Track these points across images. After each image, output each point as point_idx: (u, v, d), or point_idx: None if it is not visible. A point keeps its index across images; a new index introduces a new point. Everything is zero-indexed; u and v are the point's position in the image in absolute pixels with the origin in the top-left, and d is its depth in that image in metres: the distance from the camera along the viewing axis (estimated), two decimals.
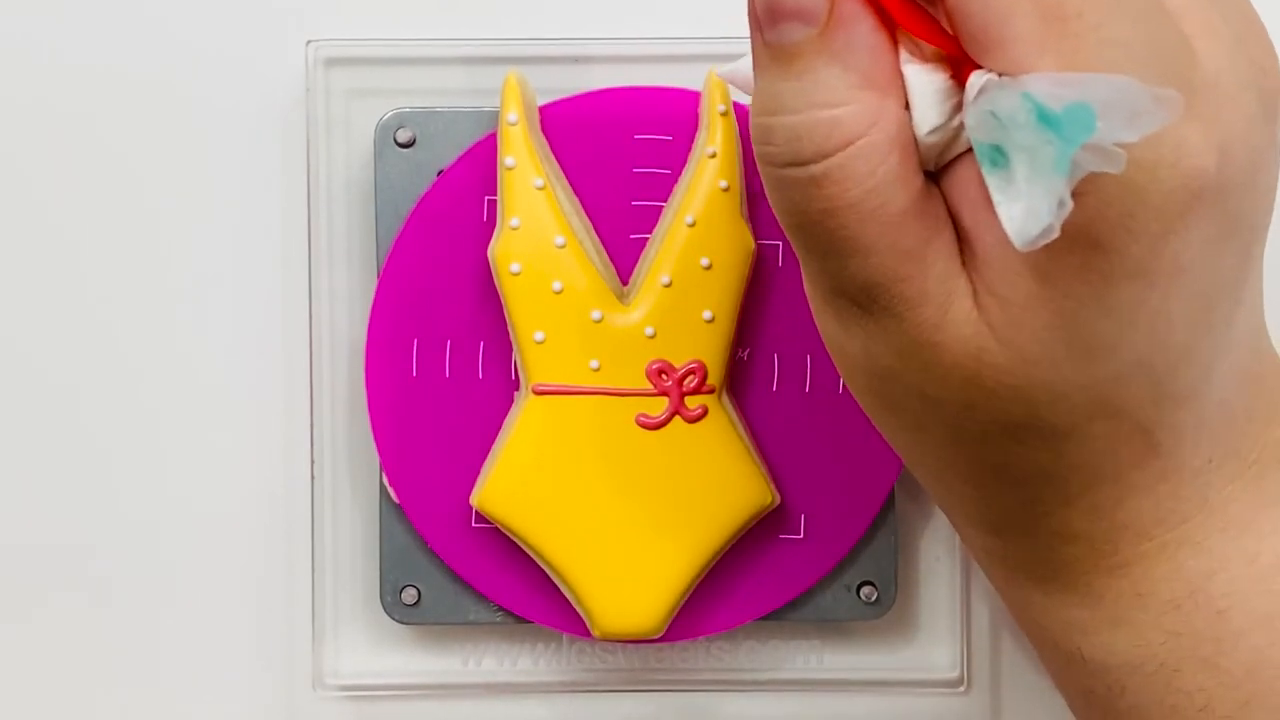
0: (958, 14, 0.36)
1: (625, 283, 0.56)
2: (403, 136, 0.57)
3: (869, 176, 0.37)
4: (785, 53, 0.37)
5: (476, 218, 0.56)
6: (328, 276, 0.57)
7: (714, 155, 0.55)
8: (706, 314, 0.54)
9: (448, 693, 0.58)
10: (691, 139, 0.56)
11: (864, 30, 0.37)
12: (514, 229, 0.55)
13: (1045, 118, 0.33)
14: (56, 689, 0.59)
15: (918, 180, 0.38)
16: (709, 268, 0.54)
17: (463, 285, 0.56)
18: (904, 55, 0.37)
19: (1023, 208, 0.33)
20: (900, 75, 0.37)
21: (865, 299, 0.39)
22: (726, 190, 0.55)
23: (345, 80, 0.57)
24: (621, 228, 0.56)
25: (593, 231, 0.56)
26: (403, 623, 0.57)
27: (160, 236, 0.58)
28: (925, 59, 0.37)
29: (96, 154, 0.58)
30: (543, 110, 0.56)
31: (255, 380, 0.58)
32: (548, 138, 0.56)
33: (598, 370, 0.55)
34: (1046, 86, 0.34)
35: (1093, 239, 0.36)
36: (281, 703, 0.59)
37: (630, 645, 0.57)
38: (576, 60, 0.57)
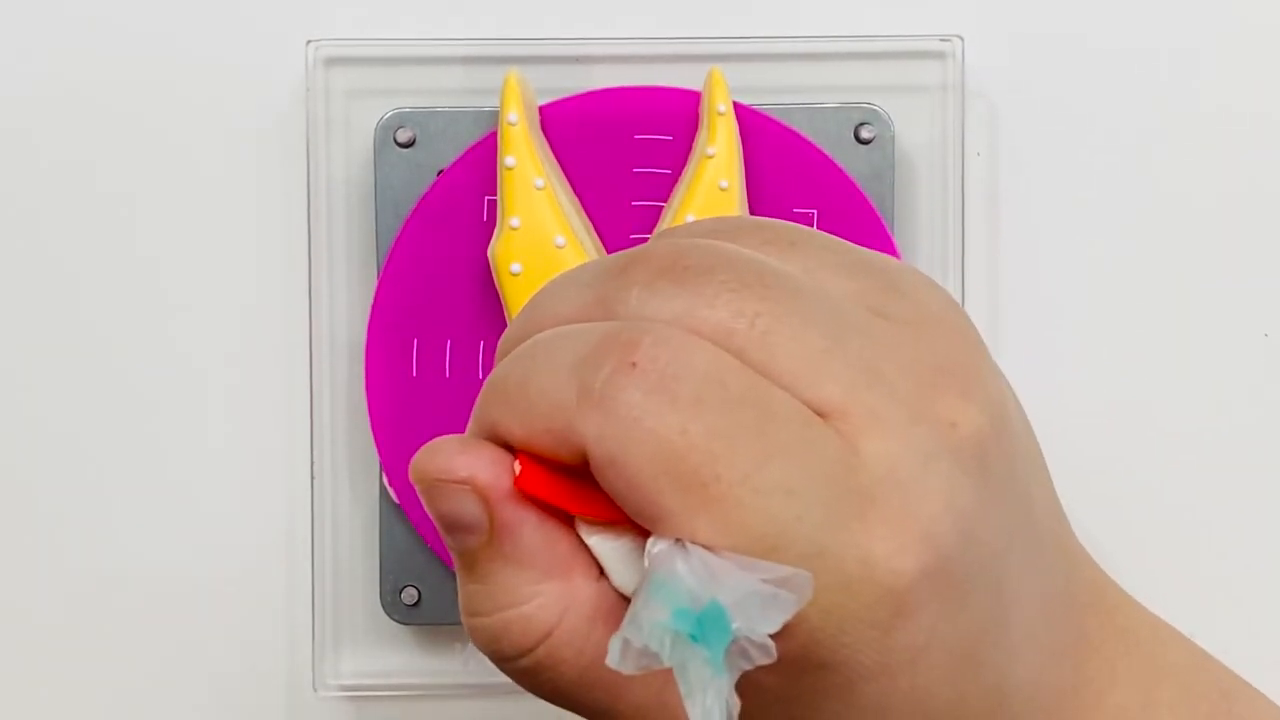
0: (615, 496, 0.36)
1: None
2: (403, 136, 0.57)
3: (580, 656, 0.38)
4: (467, 558, 0.38)
5: (476, 218, 0.56)
6: (328, 276, 0.57)
7: (714, 155, 0.55)
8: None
9: (448, 693, 0.58)
10: (691, 139, 0.56)
11: (530, 528, 0.37)
12: (514, 229, 0.55)
13: (684, 635, 0.34)
14: (57, 689, 0.59)
15: None
16: None
17: (463, 285, 0.56)
18: (585, 528, 0.37)
19: (699, 710, 0.34)
20: (583, 549, 0.38)
21: None
22: (726, 190, 0.55)
23: (345, 80, 0.57)
24: (621, 228, 0.56)
25: (593, 231, 0.56)
26: (403, 623, 0.57)
27: (160, 236, 0.58)
28: (606, 524, 0.37)
29: (97, 154, 0.58)
30: (543, 110, 0.56)
31: (255, 380, 0.58)
32: (548, 138, 0.56)
33: None
34: (697, 572, 0.34)
35: (817, 661, 0.36)
36: (281, 703, 0.59)
37: None
38: (576, 60, 0.57)
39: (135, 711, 0.59)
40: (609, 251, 0.56)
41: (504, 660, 0.39)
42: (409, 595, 0.57)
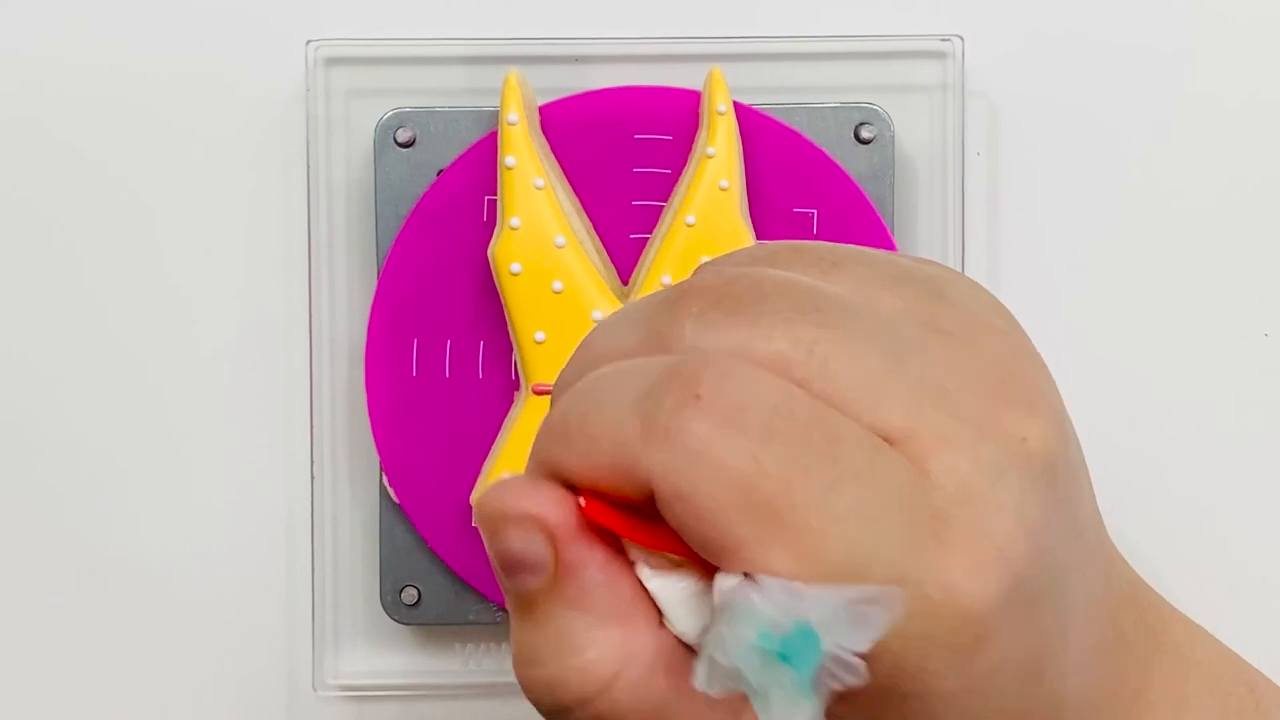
0: (682, 530, 0.35)
1: (625, 283, 0.56)
2: (403, 136, 0.57)
3: (640, 705, 0.37)
4: (525, 601, 0.37)
5: (476, 218, 0.56)
6: (328, 276, 0.57)
7: (714, 155, 0.55)
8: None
9: (448, 693, 0.58)
10: (691, 139, 0.56)
11: (595, 569, 0.37)
12: (514, 229, 0.55)
13: (773, 655, 0.34)
14: (57, 688, 0.59)
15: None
16: None
17: (463, 285, 0.56)
18: (646, 571, 0.37)
19: None
20: (644, 596, 0.37)
21: None
22: (726, 190, 0.55)
23: (345, 80, 0.57)
24: (621, 228, 0.56)
25: (593, 231, 0.56)
26: (403, 623, 0.57)
27: (160, 236, 0.58)
28: (669, 566, 0.37)
29: (97, 154, 0.58)
30: (543, 110, 0.56)
31: (255, 380, 0.58)
32: (548, 138, 0.56)
33: None
34: (778, 598, 0.34)
35: (901, 691, 0.36)
36: (281, 703, 0.59)
37: None
38: (576, 60, 0.57)
39: (135, 711, 0.59)
40: (609, 252, 0.56)
41: (560, 712, 0.38)
42: (409, 595, 0.57)
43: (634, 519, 0.36)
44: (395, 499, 0.57)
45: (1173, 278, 0.59)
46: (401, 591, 0.57)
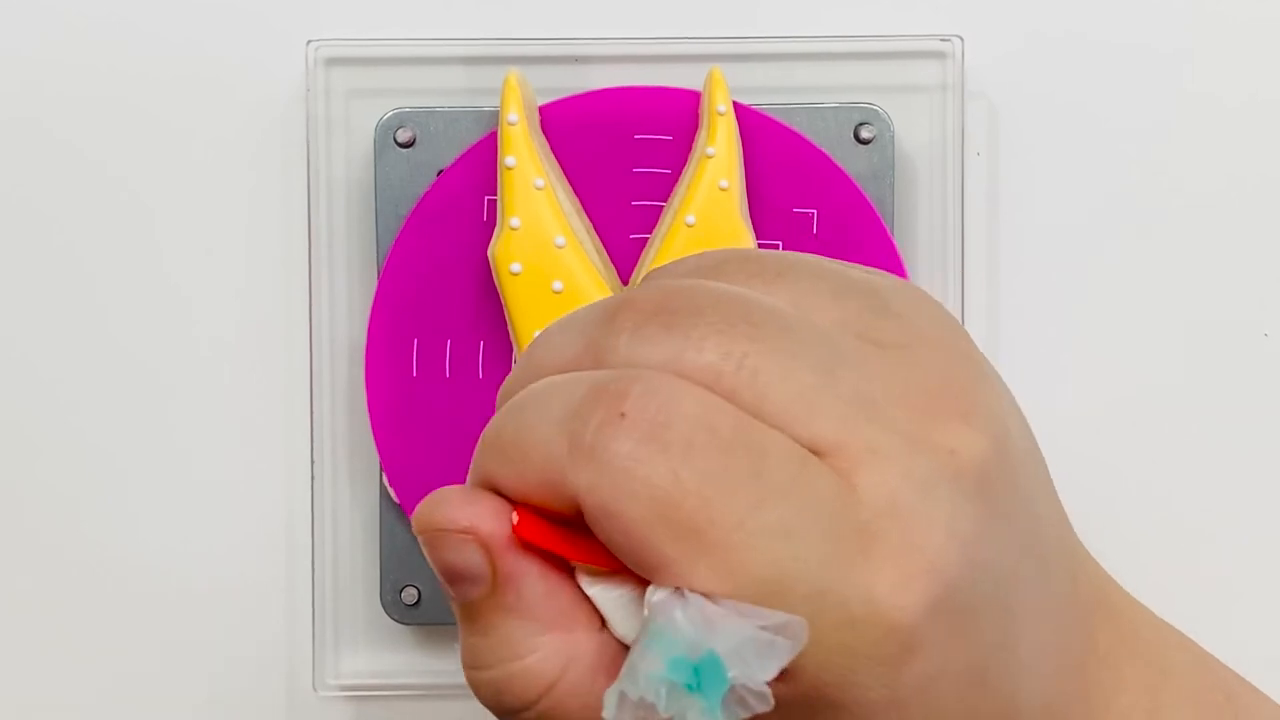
0: (611, 546, 0.36)
1: (625, 283, 0.56)
2: (403, 136, 0.57)
3: (584, 708, 0.38)
4: (467, 609, 0.38)
5: (476, 218, 0.56)
6: (328, 276, 0.57)
7: (714, 155, 0.55)
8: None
9: (448, 693, 0.58)
10: (691, 139, 0.56)
11: (532, 579, 0.37)
12: (514, 229, 0.55)
13: (679, 685, 0.34)
14: (57, 688, 0.59)
15: None
16: None
17: (463, 285, 0.56)
18: (585, 579, 0.37)
19: None
20: (585, 601, 0.38)
21: None
22: (726, 190, 0.55)
23: (345, 80, 0.57)
24: (621, 228, 0.56)
25: (593, 231, 0.56)
26: (403, 623, 0.57)
27: (160, 236, 0.58)
28: (607, 574, 0.37)
29: (97, 154, 0.58)
30: (543, 110, 0.56)
31: (255, 380, 0.58)
32: (548, 138, 0.56)
33: None
34: (694, 621, 0.34)
35: (827, 701, 0.36)
36: (281, 703, 0.59)
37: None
38: (576, 60, 0.57)
39: (136, 711, 0.59)
40: (609, 252, 0.56)
41: (507, 713, 0.38)
42: (409, 595, 0.57)
43: (566, 533, 0.36)
44: (395, 499, 0.57)
45: (1172, 278, 0.59)
46: (401, 591, 0.57)
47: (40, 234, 0.58)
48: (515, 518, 0.37)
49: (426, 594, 0.57)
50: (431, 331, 0.56)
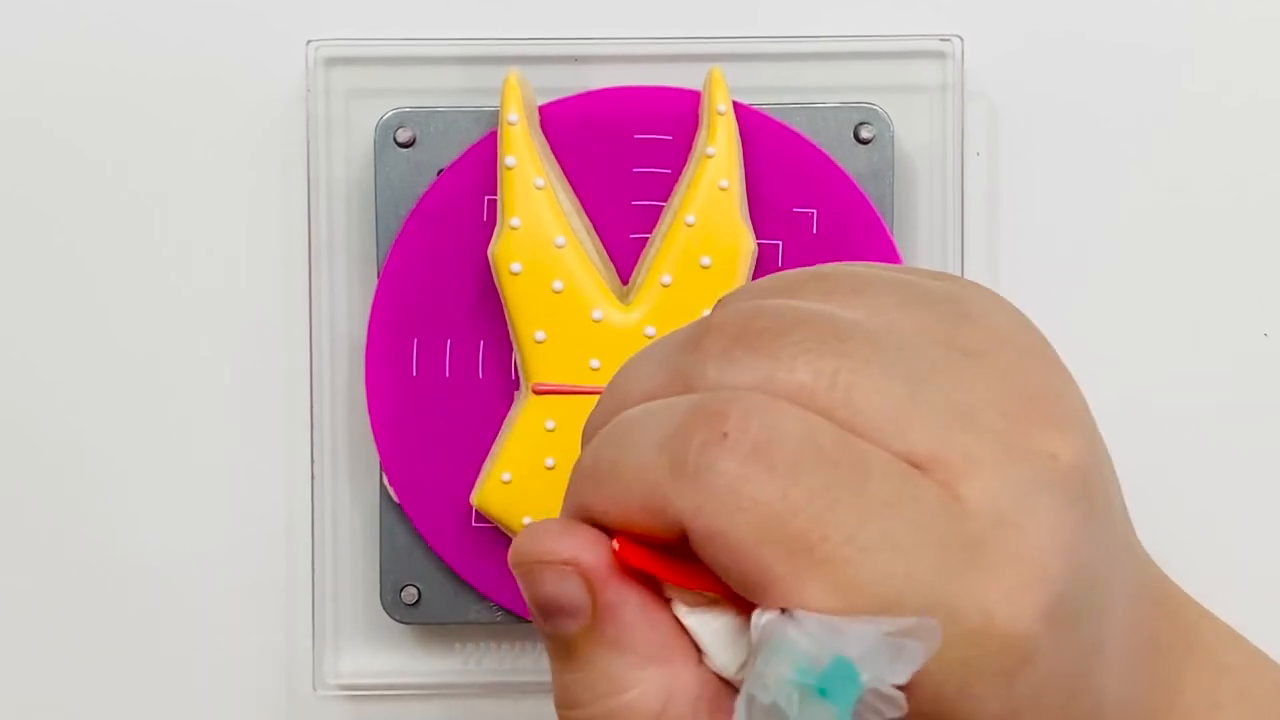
0: (717, 569, 0.35)
1: (625, 282, 0.56)
2: (403, 136, 0.57)
3: None
4: (564, 645, 0.37)
5: (476, 218, 0.56)
6: (328, 276, 0.57)
7: (714, 155, 0.55)
8: (706, 313, 0.54)
9: (448, 693, 0.58)
10: (691, 139, 0.56)
11: (632, 609, 0.37)
12: (514, 229, 0.55)
13: (811, 690, 0.34)
14: (56, 688, 0.59)
15: None
16: (709, 267, 0.55)
17: (463, 285, 0.56)
18: (683, 609, 0.37)
19: None
20: (682, 634, 0.37)
21: None
22: (726, 189, 0.55)
23: (345, 80, 0.57)
24: (621, 228, 0.56)
25: (593, 231, 0.56)
26: (403, 623, 0.57)
27: (160, 236, 0.58)
28: (705, 603, 0.37)
29: (97, 154, 0.58)
30: (543, 110, 0.56)
31: (255, 380, 0.58)
32: (548, 138, 0.56)
33: (598, 370, 0.55)
34: (815, 633, 0.34)
35: (946, 716, 0.36)
36: (281, 703, 0.59)
37: None
38: (576, 60, 0.57)
39: (135, 711, 0.59)
40: (609, 252, 0.56)
41: None
42: (409, 595, 0.57)
43: (668, 558, 0.36)
44: (395, 499, 0.57)
45: (1172, 277, 0.59)
46: (401, 591, 0.57)
47: (40, 234, 0.58)
48: (615, 545, 0.36)
49: (426, 594, 0.57)
50: (431, 331, 0.56)
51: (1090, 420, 0.38)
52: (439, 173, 0.56)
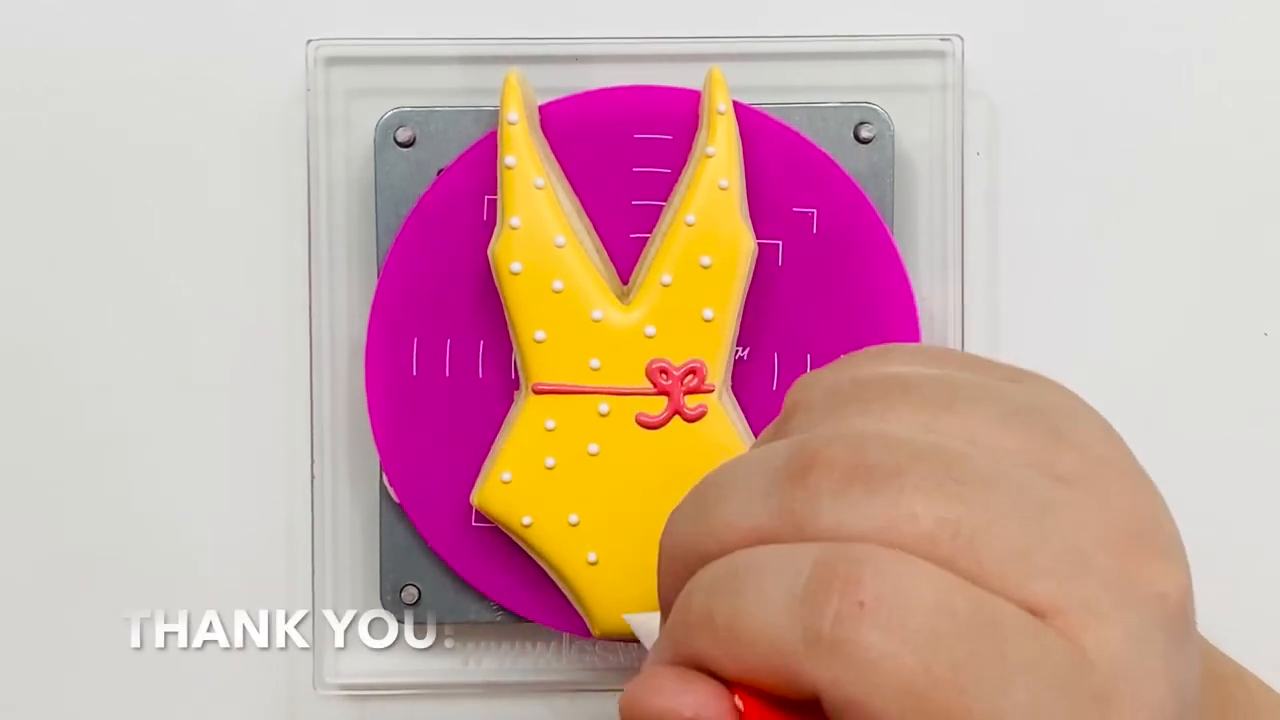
0: None
1: (625, 282, 0.56)
2: (403, 136, 0.57)
3: None
4: None
5: (476, 217, 0.56)
6: (328, 276, 0.57)
7: (714, 155, 0.55)
8: (706, 313, 0.54)
9: (448, 693, 0.58)
10: (691, 138, 0.56)
11: None
12: (514, 228, 0.55)
13: None
14: (56, 688, 0.59)
15: None
16: (709, 267, 0.55)
17: (463, 285, 0.56)
18: None
19: None
20: None
21: None
22: (726, 189, 0.55)
23: (345, 80, 0.57)
24: (621, 228, 0.56)
25: (593, 231, 0.56)
26: (403, 622, 0.57)
27: (160, 237, 0.58)
28: None
29: (96, 154, 0.58)
30: (543, 110, 0.56)
31: (255, 380, 0.58)
32: (548, 138, 0.56)
33: (598, 369, 0.55)
34: None
35: None
36: (281, 703, 0.59)
37: (630, 645, 0.57)
38: (576, 60, 0.57)
39: (135, 711, 0.59)
40: (609, 251, 0.56)
41: None
42: (409, 594, 0.57)
43: (795, 716, 0.36)
44: (395, 499, 0.57)
45: (1172, 277, 0.59)
46: (401, 591, 0.57)
47: (39, 233, 0.58)
48: (739, 703, 0.36)
49: (426, 594, 0.57)
50: (431, 331, 0.56)
51: (1179, 539, 0.38)
52: (439, 172, 0.56)
